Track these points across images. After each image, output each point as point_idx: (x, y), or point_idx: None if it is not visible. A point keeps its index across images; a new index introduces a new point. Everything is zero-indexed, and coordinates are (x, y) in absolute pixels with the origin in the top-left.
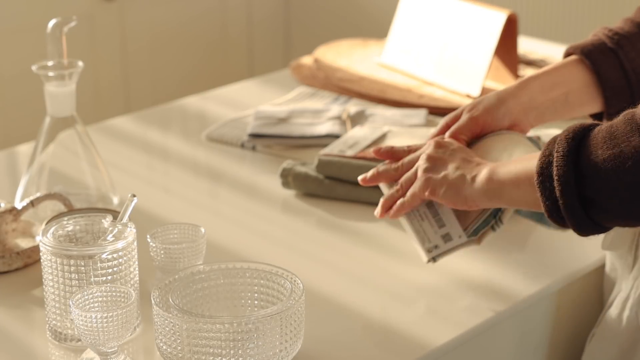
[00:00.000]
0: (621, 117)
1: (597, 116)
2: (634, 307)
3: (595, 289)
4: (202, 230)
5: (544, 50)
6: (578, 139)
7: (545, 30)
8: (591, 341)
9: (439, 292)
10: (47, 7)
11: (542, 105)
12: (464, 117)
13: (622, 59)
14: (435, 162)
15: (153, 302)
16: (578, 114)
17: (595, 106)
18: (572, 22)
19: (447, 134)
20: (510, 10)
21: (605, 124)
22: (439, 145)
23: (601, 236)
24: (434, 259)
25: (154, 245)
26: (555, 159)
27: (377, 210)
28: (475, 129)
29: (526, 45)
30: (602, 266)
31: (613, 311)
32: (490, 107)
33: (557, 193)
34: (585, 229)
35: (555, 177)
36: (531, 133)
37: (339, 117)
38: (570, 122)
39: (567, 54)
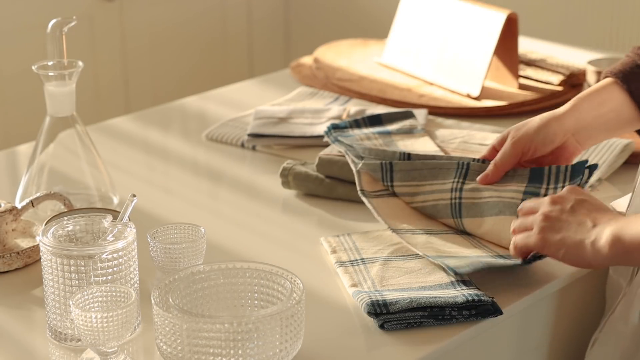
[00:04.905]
0: None
1: None
2: (638, 311)
3: (596, 290)
4: (202, 230)
5: (544, 50)
6: None
7: (545, 30)
8: (593, 346)
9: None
10: (47, 7)
11: (591, 125)
12: (507, 145)
13: None
14: (552, 222)
15: (153, 302)
16: (629, 131)
17: (637, 124)
18: (572, 22)
19: (491, 166)
20: (510, 10)
21: None
22: (554, 202)
23: None
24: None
25: (154, 245)
26: None
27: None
28: (517, 154)
29: (526, 45)
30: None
31: (617, 316)
32: (530, 131)
33: None
34: None
35: None
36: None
37: (339, 117)
38: None
39: (604, 77)
